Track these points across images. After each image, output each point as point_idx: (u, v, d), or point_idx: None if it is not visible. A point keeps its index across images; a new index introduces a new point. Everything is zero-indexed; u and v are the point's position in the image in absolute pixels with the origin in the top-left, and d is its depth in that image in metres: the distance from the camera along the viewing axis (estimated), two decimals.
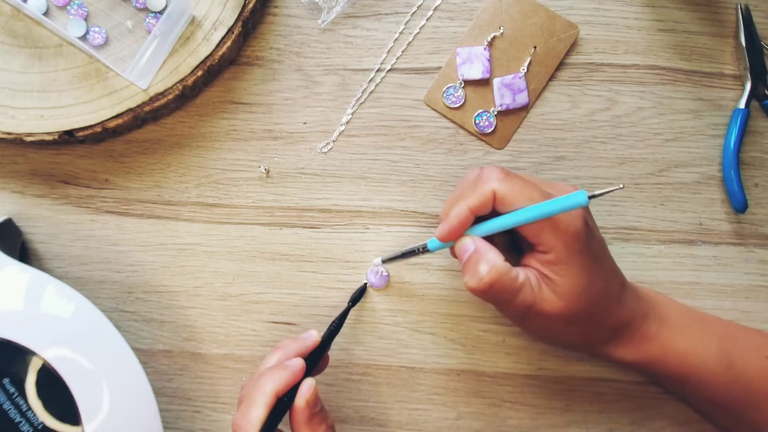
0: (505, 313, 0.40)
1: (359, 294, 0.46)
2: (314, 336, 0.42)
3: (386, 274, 0.47)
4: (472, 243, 0.38)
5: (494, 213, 0.38)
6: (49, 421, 0.37)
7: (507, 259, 0.38)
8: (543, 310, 0.38)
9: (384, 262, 0.46)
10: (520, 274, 0.38)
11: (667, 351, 0.41)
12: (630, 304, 0.41)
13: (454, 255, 0.40)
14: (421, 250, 0.41)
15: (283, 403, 0.38)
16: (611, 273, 0.41)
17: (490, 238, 0.39)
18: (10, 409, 0.37)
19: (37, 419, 0.37)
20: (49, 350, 0.38)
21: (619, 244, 0.47)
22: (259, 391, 0.37)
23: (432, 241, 0.40)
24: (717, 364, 0.41)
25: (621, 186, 0.31)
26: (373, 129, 0.48)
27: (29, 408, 0.37)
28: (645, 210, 0.48)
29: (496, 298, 0.38)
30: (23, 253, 0.47)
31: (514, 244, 0.42)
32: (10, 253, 0.41)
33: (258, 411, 0.37)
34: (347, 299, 0.45)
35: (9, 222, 0.46)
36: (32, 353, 0.38)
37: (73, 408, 0.38)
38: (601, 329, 0.40)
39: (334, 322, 0.43)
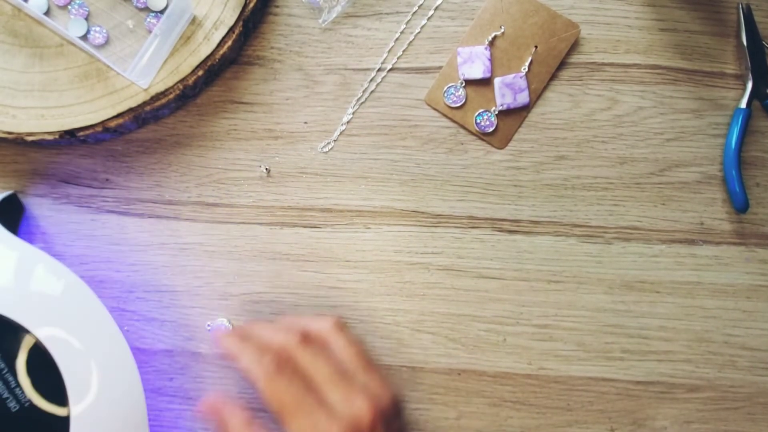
0: None
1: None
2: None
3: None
4: None
5: None
6: (37, 399, 0.37)
7: None
8: None
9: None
10: None
11: None
12: None
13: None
14: None
15: None
16: None
17: None
18: None
19: (25, 396, 0.37)
20: (41, 329, 0.38)
21: (620, 244, 0.47)
22: None
23: None
24: None
25: None
26: (373, 128, 0.48)
27: (18, 385, 0.37)
28: (646, 210, 0.48)
29: None
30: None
31: None
32: (11, 228, 0.41)
33: None
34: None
35: (13, 196, 0.47)
36: (25, 331, 0.37)
37: (61, 388, 0.37)
38: None
39: None
